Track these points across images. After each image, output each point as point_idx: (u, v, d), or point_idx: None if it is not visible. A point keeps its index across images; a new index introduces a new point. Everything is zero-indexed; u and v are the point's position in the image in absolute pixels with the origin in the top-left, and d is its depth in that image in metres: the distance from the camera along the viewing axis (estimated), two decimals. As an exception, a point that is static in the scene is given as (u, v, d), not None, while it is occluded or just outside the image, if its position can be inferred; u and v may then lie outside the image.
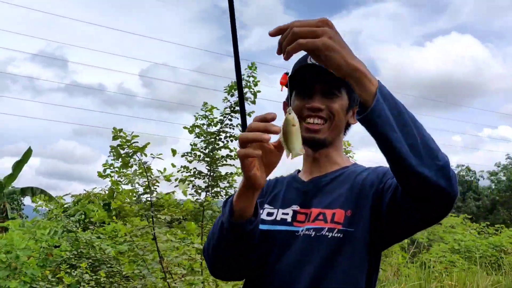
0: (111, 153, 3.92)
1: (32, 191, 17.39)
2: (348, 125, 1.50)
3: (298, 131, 1.12)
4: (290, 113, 1.13)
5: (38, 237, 5.37)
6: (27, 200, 19.83)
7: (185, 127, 4.72)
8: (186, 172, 4.71)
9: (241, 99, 1.61)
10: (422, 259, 9.54)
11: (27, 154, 17.37)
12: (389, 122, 1.02)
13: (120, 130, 4.00)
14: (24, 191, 17.71)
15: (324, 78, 1.35)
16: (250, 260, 1.33)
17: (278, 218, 1.39)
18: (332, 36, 1.00)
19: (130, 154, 3.93)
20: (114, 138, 3.93)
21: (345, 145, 6.42)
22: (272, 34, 1.06)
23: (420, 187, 1.08)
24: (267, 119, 1.12)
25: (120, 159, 3.97)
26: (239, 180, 4.24)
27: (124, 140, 3.96)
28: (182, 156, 4.67)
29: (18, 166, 17.48)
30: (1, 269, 4.81)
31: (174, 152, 4.64)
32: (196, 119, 4.66)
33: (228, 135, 4.61)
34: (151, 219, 4.03)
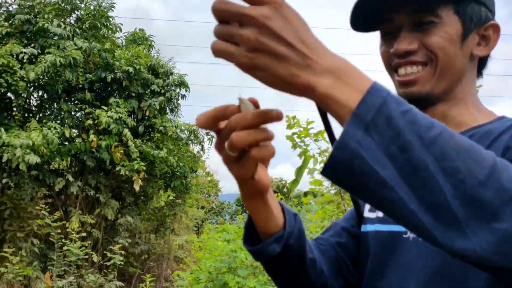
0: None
1: (313, 193, 18.77)
2: (482, 60, 0.99)
3: None
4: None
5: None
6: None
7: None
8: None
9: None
10: None
11: (306, 160, 18.83)
12: (375, 175, 0.56)
13: (294, 118, 3.83)
14: (306, 194, 19.27)
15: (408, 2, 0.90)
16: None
17: (381, 215, 0.99)
18: (261, 31, 0.57)
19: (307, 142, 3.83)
20: (289, 127, 3.84)
21: None
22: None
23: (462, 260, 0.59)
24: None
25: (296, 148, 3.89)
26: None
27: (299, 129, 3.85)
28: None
29: (299, 172, 19.14)
30: (243, 268, 5.20)
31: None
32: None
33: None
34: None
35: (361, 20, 0.97)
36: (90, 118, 10.17)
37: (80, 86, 10.48)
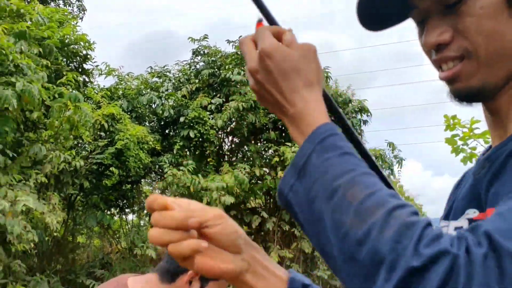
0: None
1: None
2: None
3: None
4: None
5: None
6: None
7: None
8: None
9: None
10: None
11: None
12: (297, 219, 0.67)
13: (454, 118, 3.20)
14: None
15: None
16: None
17: None
18: (258, 82, 0.73)
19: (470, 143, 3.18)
20: (448, 128, 3.26)
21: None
22: None
23: None
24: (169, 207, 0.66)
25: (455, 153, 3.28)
26: None
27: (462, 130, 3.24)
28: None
29: None
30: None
31: None
32: None
33: None
34: None
35: (374, 15, 0.82)
36: (276, 156, 10.57)
37: (265, 126, 11.03)
